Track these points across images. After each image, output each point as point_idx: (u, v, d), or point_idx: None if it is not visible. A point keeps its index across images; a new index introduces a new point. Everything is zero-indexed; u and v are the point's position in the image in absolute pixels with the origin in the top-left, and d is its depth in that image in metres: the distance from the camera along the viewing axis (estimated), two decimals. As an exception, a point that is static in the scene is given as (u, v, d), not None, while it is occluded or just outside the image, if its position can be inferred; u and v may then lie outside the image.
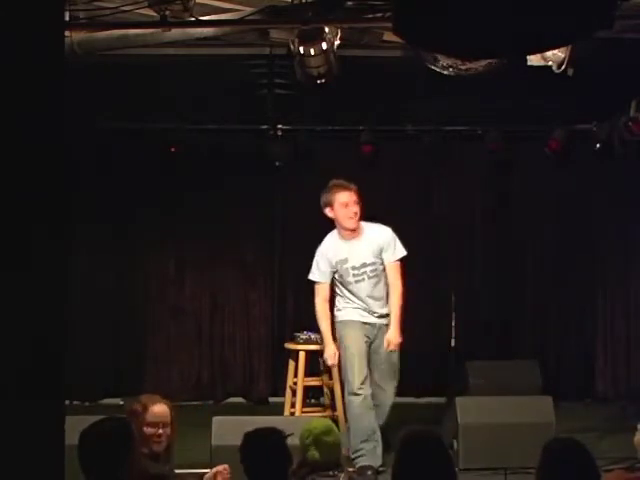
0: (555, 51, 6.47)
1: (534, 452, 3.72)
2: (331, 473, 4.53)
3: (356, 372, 6.74)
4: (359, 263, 6.92)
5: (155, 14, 6.23)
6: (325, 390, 7.89)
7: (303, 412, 7.55)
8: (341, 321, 6.96)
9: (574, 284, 9.48)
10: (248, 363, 9.49)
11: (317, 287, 7.02)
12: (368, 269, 6.92)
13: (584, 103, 8.48)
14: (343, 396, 7.20)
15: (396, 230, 9.61)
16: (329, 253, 6.96)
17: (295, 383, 7.67)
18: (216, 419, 6.38)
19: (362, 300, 6.93)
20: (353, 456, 6.68)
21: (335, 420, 6.99)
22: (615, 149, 8.84)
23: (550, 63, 6.68)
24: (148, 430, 4.60)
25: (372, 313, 6.94)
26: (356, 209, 6.85)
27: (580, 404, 9.02)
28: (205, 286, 9.49)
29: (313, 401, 8.50)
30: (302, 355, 7.64)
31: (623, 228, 9.44)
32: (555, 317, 9.54)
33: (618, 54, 7.23)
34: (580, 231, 9.51)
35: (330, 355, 6.96)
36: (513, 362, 8.70)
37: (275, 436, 4.24)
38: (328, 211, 6.94)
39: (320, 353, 7.36)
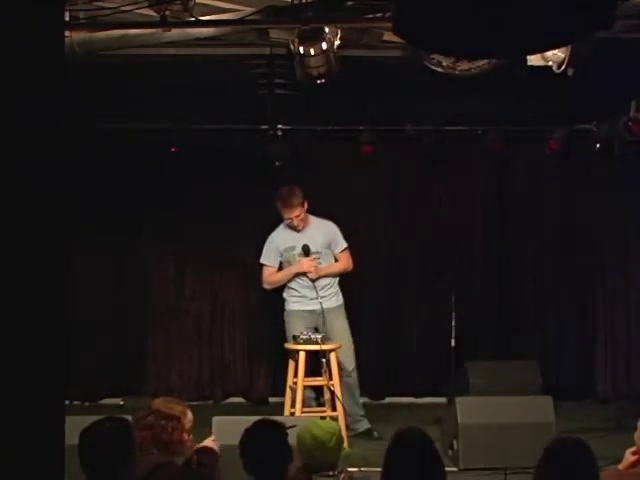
0: (555, 51, 6.47)
1: (534, 452, 3.72)
2: (331, 473, 4.51)
3: None
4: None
5: (155, 14, 6.23)
6: (325, 390, 7.88)
7: (303, 412, 7.55)
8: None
9: (574, 284, 9.47)
10: (248, 363, 9.49)
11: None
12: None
13: (584, 103, 8.48)
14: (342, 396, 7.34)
15: (395, 230, 9.64)
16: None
17: (295, 383, 7.67)
18: (216, 419, 6.38)
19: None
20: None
21: (335, 420, 6.99)
22: (615, 149, 8.84)
23: (550, 63, 6.67)
24: (186, 437, 4.51)
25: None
26: (298, 222, 7.77)
27: (580, 404, 9.02)
28: (205, 286, 9.48)
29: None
30: (302, 355, 7.63)
31: (623, 228, 9.44)
32: (555, 317, 9.53)
33: (618, 54, 7.22)
34: (580, 231, 9.50)
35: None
36: (513, 362, 8.69)
37: (275, 431, 4.22)
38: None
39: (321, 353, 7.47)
